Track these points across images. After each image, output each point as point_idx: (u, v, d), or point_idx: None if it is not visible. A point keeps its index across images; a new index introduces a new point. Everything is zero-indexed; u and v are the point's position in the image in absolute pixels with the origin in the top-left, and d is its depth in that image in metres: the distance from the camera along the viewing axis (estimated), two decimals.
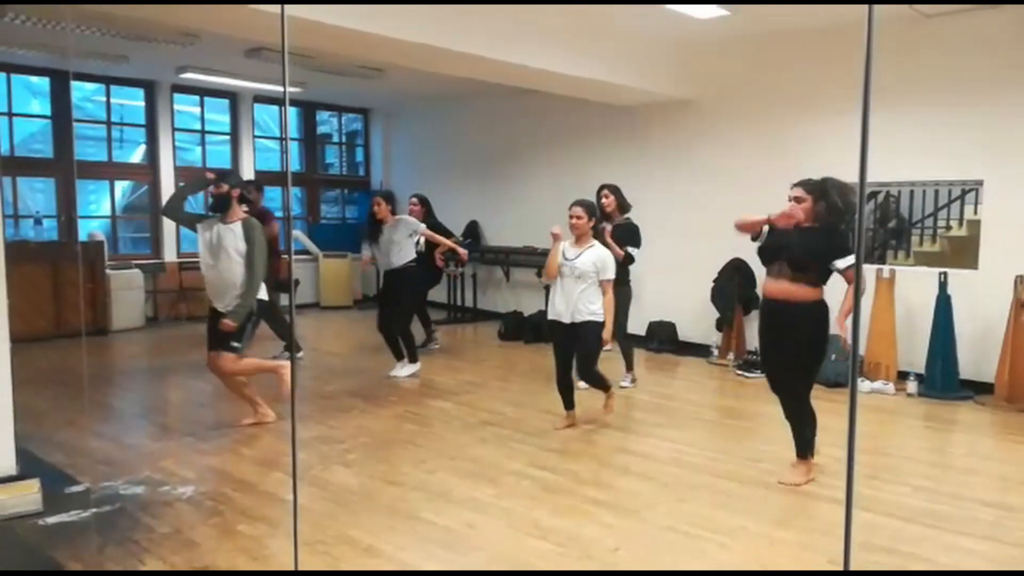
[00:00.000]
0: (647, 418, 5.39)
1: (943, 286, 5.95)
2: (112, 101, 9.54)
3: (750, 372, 6.68)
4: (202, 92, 10.07)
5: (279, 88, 9.21)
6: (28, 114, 9.31)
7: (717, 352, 7.35)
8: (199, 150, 10.43)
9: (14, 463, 3.84)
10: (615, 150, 8.42)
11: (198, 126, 10.35)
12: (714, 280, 7.32)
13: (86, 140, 9.75)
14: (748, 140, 7.30)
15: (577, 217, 4.87)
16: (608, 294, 4.83)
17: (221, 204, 4.88)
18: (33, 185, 9.40)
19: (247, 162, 10.48)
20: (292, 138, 11.26)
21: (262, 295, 4.93)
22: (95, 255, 8.65)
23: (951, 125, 6.09)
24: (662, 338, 7.82)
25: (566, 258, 4.86)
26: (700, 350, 7.57)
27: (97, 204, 9.98)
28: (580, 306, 4.79)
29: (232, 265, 4.79)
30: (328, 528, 3.42)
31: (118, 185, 9.86)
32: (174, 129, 9.88)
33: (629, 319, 6.27)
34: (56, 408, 5.45)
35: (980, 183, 6.16)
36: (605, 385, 5.12)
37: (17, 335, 4.07)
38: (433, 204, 7.88)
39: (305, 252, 10.69)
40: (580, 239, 4.89)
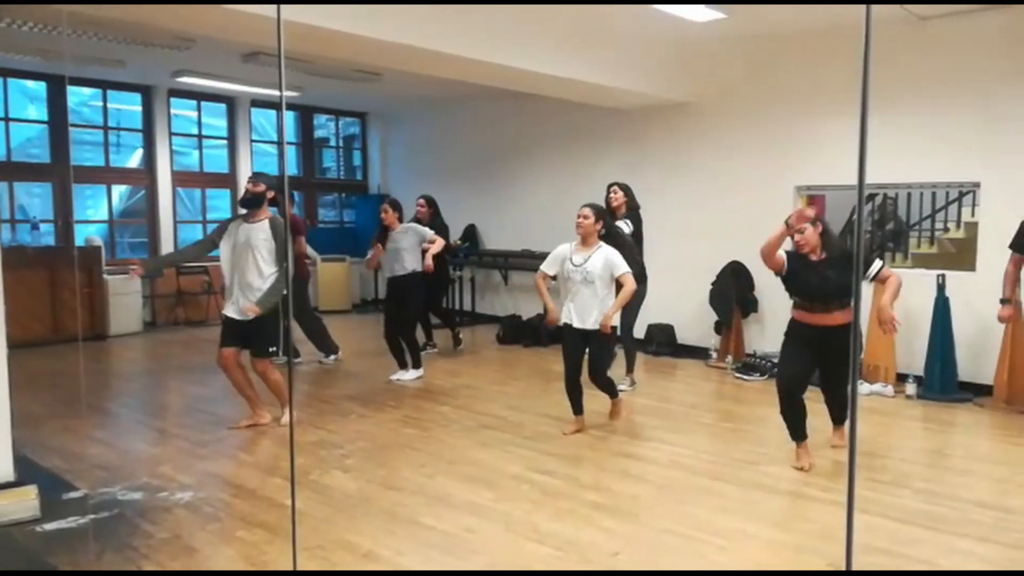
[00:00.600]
0: (646, 421, 5.39)
1: (941, 288, 5.96)
2: (109, 106, 9.54)
3: (748, 375, 6.68)
4: (199, 96, 10.08)
5: (276, 92, 9.20)
6: (25, 119, 9.30)
7: (715, 355, 7.35)
8: (196, 154, 10.43)
9: (12, 469, 3.83)
10: (613, 153, 8.42)
11: (195, 130, 10.35)
12: (712, 283, 7.32)
13: (83, 145, 9.74)
14: (747, 142, 7.31)
15: (584, 216, 4.81)
16: (627, 286, 4.71)
17: (254, 202, 4.88)
18: (30, 190, 9.39)
19: (244, 166, 10.48)
20: (289, 142, 11.26)
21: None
22: (92, 260, 8.64)
23: (948, 127, 6.10)
24: (660, 341, 7.82)
25: (573, 264, 4.82)
26: (698, 353, 7.57)
27: (94, 209, 9.97)
28: (594, 311, 4.75)
29: (259, 263, 4.79)
30: (327, 533, 3.41)
31: (115, 190, 9.85)
32: (171, 133, 9.88)
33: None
34: (54, 413, 5.44)
35: (977, 185, 6.17)
36: (613, 391, 5.10)
37: (14, 340, 4.06)
38: (437, 202, 7.88)
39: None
40: (586, 240, 4.84)
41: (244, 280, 4.83)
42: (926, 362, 6.01)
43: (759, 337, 7.23)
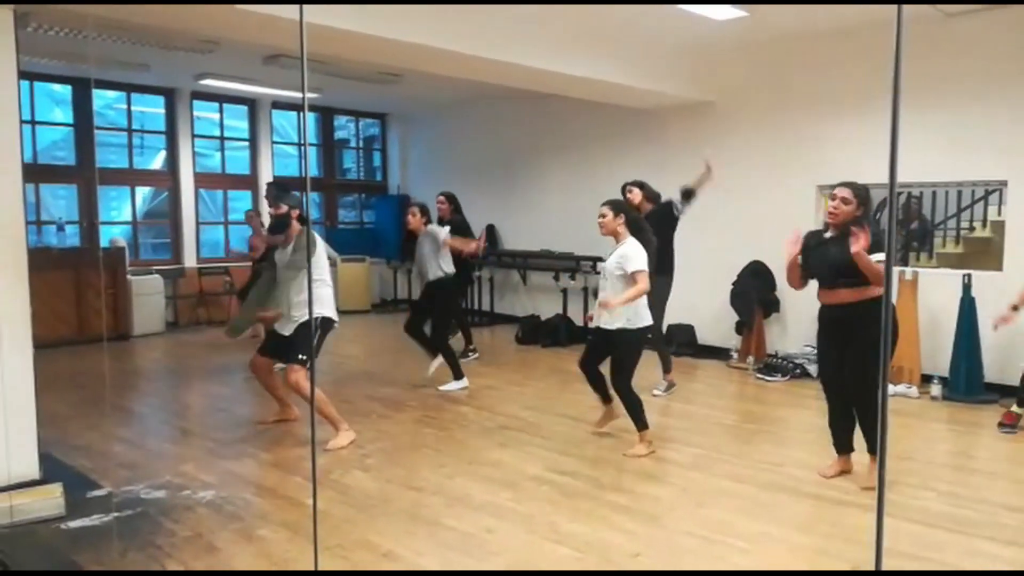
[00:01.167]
0: (666, 422, 5.36)
1: (967, 288, 5.88)
2: (133, 108, 9.66)
3: (770, 376, 6.63)
4: (221, 99, 10.17)
5: (296, 94, 9.27)
6: (51, 122, 9.43)
7: (736, 355, 7.30)
8: (218, 156, 10.53)
9: (37, 468, 3.88)
10: (633, 153, 8.39)
11: (217, 132, 10.45)
12: (733, 283, 7.27)
13: (107, 147, 9.86)
14: (768, 141, 7.25)
15: (602, 215, 4.66)
16: (638, 285, 4.43)
17: (280, 226, 4.80)
18: (56, 192, 9.52)
19: (265, 167, 10.57)
20: (310, 143, 11.33)
21: (329, 312, 4.76)
22: (116, 261, 8.75)
23: (974, 125, 6.01)
24: (681, 341, 7.77)
25: (605, 260, 4.73)
26: (719, 353, 7.52)
27: (118, 210, 10.09)
28: (612, 310, 4.54)
29: (302, 280, 4.68)
30: (347, 533, 3.42)
31: (139, 191, 9.97)
32: (194, 136, 9.99)
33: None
34: (78, 413, 5.51)
35: (1004, 184, 6.07)
36: (637, 414, 4.59)
37: (40, 341, 4.12)
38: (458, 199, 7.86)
39: None
40: (615, 237, 4.67)
41: (291, 300, 4.76)
42: (951, 363, 5.93)
43: (781, 337, 7.17)
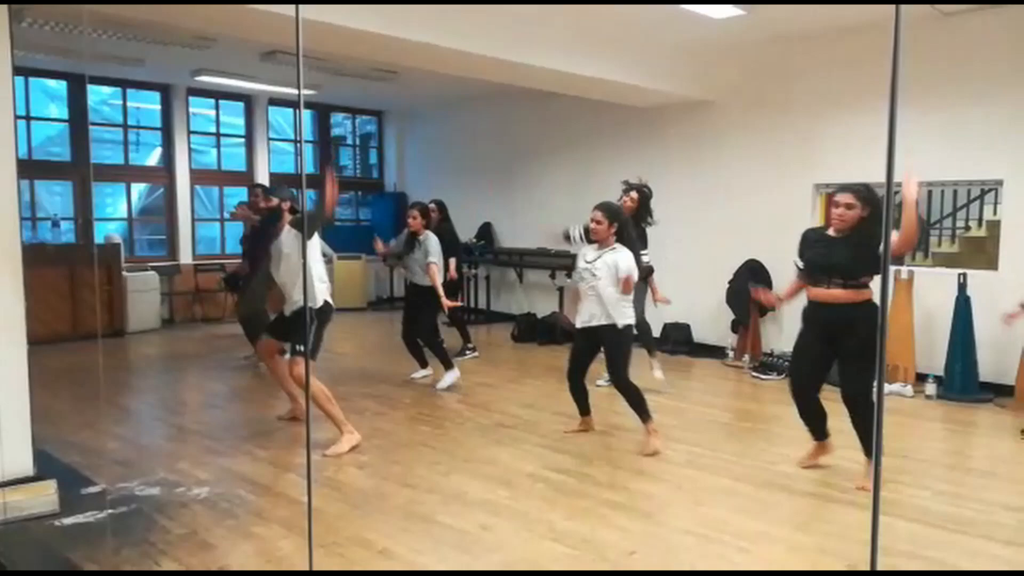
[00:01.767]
0: (662, 420, 5.33)
1: (962, 287, 5.89)
2: (128, 104, 9.63)
3: (766, 374, 6.64)
4: (217, 95, 10.14)
5: (293, 91, 9.25)
6: (46, 118, 9.39)
7: (732, 354, 7.30)
8: (214, 152, 10.50)
9: (31, 464, 3.86)
10: (631, 151, 8.39)
11: (213, 129, 10.42)
12: (729, 281, 7.27)
13: (103, 143, 9.83)
14: (766, 140, 7.25)
15: (596, 222, 4.65)
16: (627, 282, 4.53)
17: (272, 219, 4.83)
18: (51, 188, 9.49)
19: (261, 164, 10.54)
20: (306, 140, 11.30)
21: (328, 296, 4.78)
22: (112, 257, 8.72)
23: (970, 124, 6.02)
24: (677, 339, 7.78)
25: (586, 261, 4.73)
26: (715, 352, 7.53)
27: (114, 207, 10.05)
28: (598, 310, 4.62)
29: (289, 270, 4.72)
30: (342, 530, 3.41)
31: (134, 188, 9.93)
32: (190, 132, 9.96)
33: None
34: (73, 409, 5.48)
35: (1000, 183, 6.09)
36: (639, 404, 4.65)
37: (35, 337, 4.09)
38: (447, 206, 7.85)
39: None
40: (602, 243, 4.70)
41: (288, 290, 4.79)
42: (947, 362, 5.94)
43: (776, 336, 7.17)
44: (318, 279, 4.75)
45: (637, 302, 5.71)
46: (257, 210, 6.15)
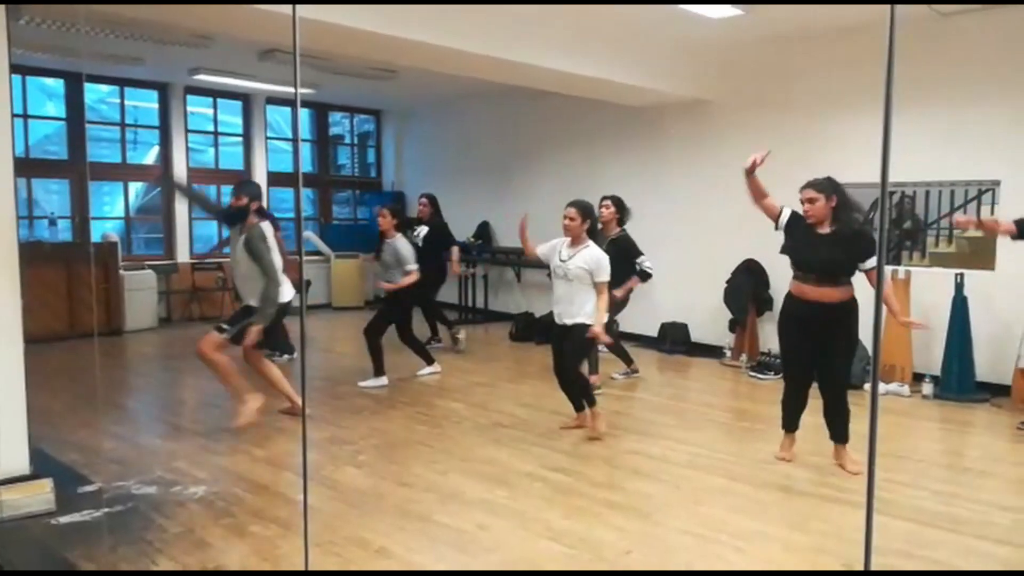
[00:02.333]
0: (659, 420, 5.36)
1: (959, 287, 5.90)
2: (126, 103, 9.61)
3: (763, 374, 6.64)
4: (215, 94, 10.13)
5: (291, 89, 9.24)
6: (43, 116, 9.37)
7: (730, 353, 7.31)
8: (212, 151, 10.48)
9: (28, 463, 3.86)
10: (628, 151, 8.39)
11: (211, 128, 10.40)
12: (727, 281, 7.28)
13: (100, 142, 9.81)
14: (763, 139, 7.19)
15: (570, 219, 4.75)
16: (603, 296, 4.65)
17: (238, 216, 4.88)
18: (48, 186, 9.47)
19: (259, 163, 10.53)
20: (304, 139, 11.30)
21: (285, 298, 4.86)
22: (109, 256, 8.70)
23: (968, 124, 6.03)
24: (674, 339, 7.78)
25: (561, 259, 4.78)
26: (713, 351, 7.53)
27: (111, 205, 10.04)
28: (572, 308, 4.69)
29: (243, 270, 4.88)
30: (339, 529, 3.41)
31: (132, 186, 9.92)
32: (187, 131, 9.94)
33: (641, 319, 6.22)
34: (70, 408, 5.48)
35: (997, 183, 6.09)
36: (588, 395, 4.87)
37: (31, 335, 4.09)
38: (445, 205, 7.85)
39: (317, 253, 10.72)
40: (575, 240, 4.79)
41: (241, 287, 5.02)
42: (943, 362, 5.95)
43: (774, 336, 7.10)
44: (274, 285, 4.75)
45: (615, 309, 5.74)
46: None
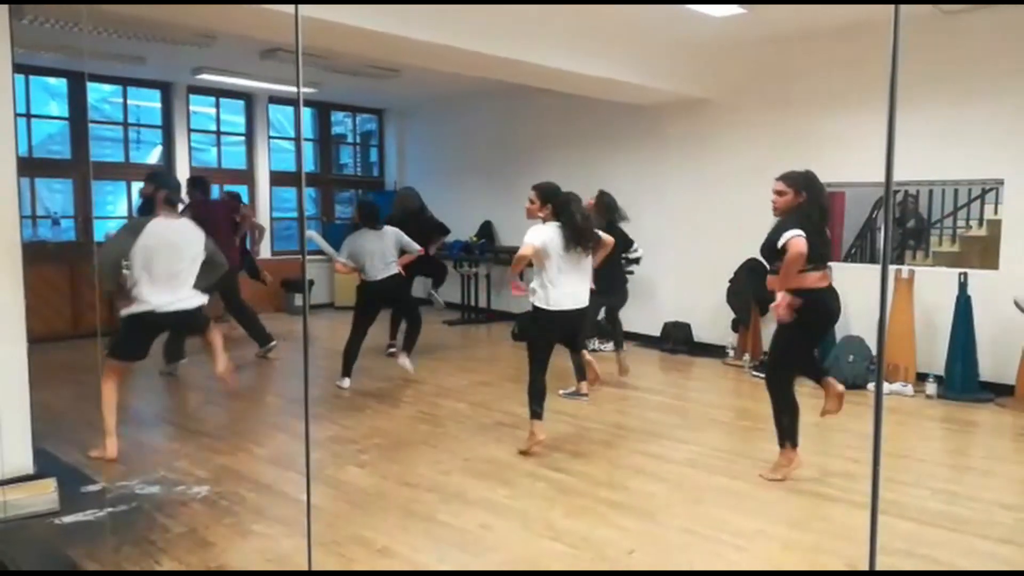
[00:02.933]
0: (661, 419, 5.36)
1: (963, 287, 5.89)
2: (129, 102, 9.61)
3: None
4: (218, 93, 10.13)
5: (294, 89, 9.24)
6: (46, 115, 9.38)
7: (732, 353, 7.30)
8: (214, 151, 10.49)
9: (31, 462, 3.86)
10: (630, 149, 8.38)
11: (214, 127, 10.41)
12: (730, 280, 7.27)
13: (103, 141, 9.82)
14: (765, 138, 7.24)
15: (530, 201, 4.64)
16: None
17: (146, 207, 4.69)
18: (51, 186, 9.47)
19: (262, 162, 10.54)
20: (306, 139, 11.29)
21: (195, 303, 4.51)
22: None
23: (971, 123, 6.01)
24: (677, 339, 7.78)
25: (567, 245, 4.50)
26: (715, 351, 7.52)
27: (114, 205, 10.04)
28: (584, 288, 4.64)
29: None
30: (342, 529, 3.42)
31: (135, 186, 9.92)
32: (190, 130, 9.94)
33: (643, 319, 6.18)
34: (73, 407, 5.49)
35: (1000, 182, 6.08)
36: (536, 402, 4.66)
37: (35, 335, 4.09)
38: (447, 204, 7.86)
39: (319, 252, 10.70)
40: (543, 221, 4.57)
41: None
42: (947, 361, 5.94)
43: None
44: (184, 284, 4.46)
45: (592, 314, 5.46)
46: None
